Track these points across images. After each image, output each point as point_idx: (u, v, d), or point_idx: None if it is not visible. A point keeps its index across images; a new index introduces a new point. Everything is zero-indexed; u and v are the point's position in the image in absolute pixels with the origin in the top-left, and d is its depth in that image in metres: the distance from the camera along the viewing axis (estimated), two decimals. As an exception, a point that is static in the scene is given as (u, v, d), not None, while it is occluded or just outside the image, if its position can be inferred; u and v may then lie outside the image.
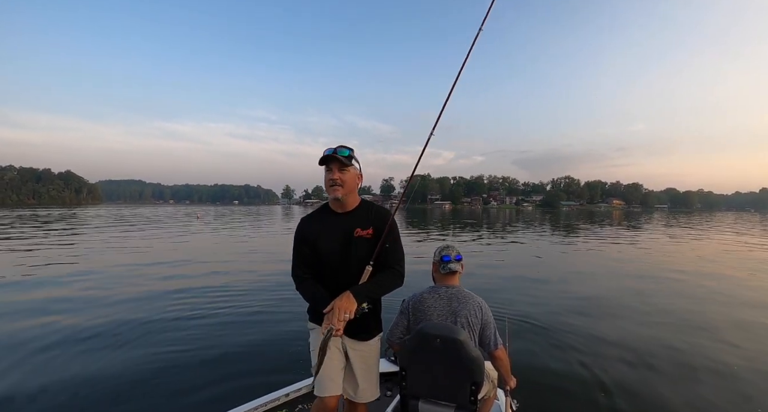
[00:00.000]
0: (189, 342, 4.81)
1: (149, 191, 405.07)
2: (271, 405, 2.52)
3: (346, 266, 1.98)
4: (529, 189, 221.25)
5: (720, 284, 8.63)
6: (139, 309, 6.10)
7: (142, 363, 4.18)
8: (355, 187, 2.03)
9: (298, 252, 2.06)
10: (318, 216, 2.10)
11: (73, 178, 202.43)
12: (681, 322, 5.76)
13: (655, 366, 4.25)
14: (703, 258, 12.75)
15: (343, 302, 1.79)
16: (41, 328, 5.14)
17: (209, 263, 11.00)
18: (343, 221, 2.02)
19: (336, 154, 1.92)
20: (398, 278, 1.99)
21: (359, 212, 2.06)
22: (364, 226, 2.00)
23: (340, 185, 1.93)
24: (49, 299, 6.76)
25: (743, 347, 4.81)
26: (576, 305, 6.66)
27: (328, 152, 1.93)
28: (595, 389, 3.75)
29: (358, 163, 2.02)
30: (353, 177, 2.00)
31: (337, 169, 1.93)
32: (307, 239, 2.03)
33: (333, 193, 1.94)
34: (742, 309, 6.58)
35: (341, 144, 1.98)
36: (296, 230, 2.09)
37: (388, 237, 1.99)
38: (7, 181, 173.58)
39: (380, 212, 2.08)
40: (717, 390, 3.71)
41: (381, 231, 1.99)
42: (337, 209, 2.04)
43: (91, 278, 8.65)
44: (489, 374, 2.26)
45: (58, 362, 4.16)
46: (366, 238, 1.99)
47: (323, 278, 2.04)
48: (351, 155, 1.98)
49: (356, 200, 2.07)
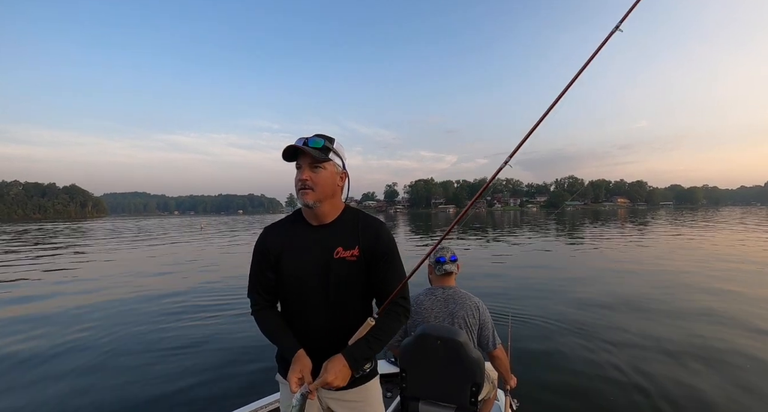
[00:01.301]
0: (190, 341, 4.94)
1: (154, 203, 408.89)
2: (270, 407, 2.47)
3: (319, 299, 1.45)
4: (533, 190, 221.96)
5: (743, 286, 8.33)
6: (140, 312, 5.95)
7: (143, 362, 4.29)
8: (335, 191, 1.47)
9: (256, 270, 1.53)
10: (286, 227, 1.54)
11: (78, 192, 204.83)
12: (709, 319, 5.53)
13: (658, 364, 4.14)
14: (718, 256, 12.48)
15: (331, 373, 1.29)
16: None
17: (211, 269, 10.88)
18: (318, 236, 1.48)
19: (305, 146, 1.39)
20: (403, 318, 1.49)
21: (342, 224, 1.50)
22: (348, 244, 1.46)
23: (310, 188, 1.40)
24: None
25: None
26: (604, 301, 6.48)
27: (297, 142, 1.41)
28: (602, 387, 3.69)
29: (340, 157, 1.47)
30: (331, 177, 1.44)
31: (307, 167, 1.41)
32: (267, 256, 1.49)
33: (302, 199, 1.42)
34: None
35: (320, 134, 1.46)
36: (258, 241, 1.54)
37: (384, 260, 1.47)
38: (12, 196, 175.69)
39: (371, 226, 1.51)
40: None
41: (372, 252, 1.46)
42: (311, 219, 1.49)
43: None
44: (489, 375, 2.28)
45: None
46: (349, 261, 1.45)
47: (287, 311, 1.53)
48: (327, 147, 1.42)
49: (338, 208, 1.52)
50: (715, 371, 3.98)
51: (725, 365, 4.13)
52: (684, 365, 4.17)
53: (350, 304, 1.48)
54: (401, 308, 1.47)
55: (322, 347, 1.44)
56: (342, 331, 1.45)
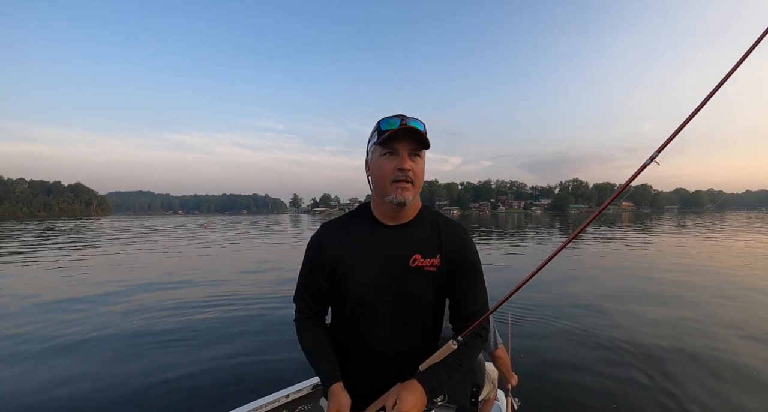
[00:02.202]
0: (193, 342, 4.90)
1: (158, 202, 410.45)
2: (271, 406, 2.42)
3: (386, 316, 1.18)
4: (537, 193, 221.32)
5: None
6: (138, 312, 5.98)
7: (145, 364, 4.25)
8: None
9: (307, 274, 1.25)
10: (350, 225, 1.25)
11: (83, 190, 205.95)
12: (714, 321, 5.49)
13: (659, 361, 4.13)
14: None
15: (407, 401, 1.03)
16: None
17: (214, 272, 10.90)
18: (392, 238, 1.19)
19: (413, 126, 1.11)
20: (482, 341, 1.24)
21: (421, 225, 1.22)
22: (428, 251, 1.19)
23: (411, 182, 1.13)
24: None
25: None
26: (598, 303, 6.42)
27: (391, 124, 1.12)
28: (600, 388, 3.64)
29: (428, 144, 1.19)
30: (424, 168, 1.20)
31: (408, 155, 1.12)
32: (322, 262, 1.20)
33: (399, 195, 1.12)
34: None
35: (401, 114, 1.16)
36: (311, 240, 1.25)
37: (470, 274, 1.23)
38: (18, 194, 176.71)
39: (455, 231, 1.25)
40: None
41: (456, 263, 1.21)
42: (386, 218, 1.21)
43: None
44: (490, 375, 2.26)
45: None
46: (428, 271, 1.18)
47: (342, 328, 1.25)
48: (425, 131, 1.16)
49: (417, 205, 1.24)
50: (716, 370, 3.93)
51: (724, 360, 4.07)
52: (684, 361, 4.15)
53: (421, 323, 1.22)
54: (483, 329, 1.22)
55: (380, 375, 1.20)
56: (408, 356, 1.21)
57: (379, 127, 1.15)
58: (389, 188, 1.12)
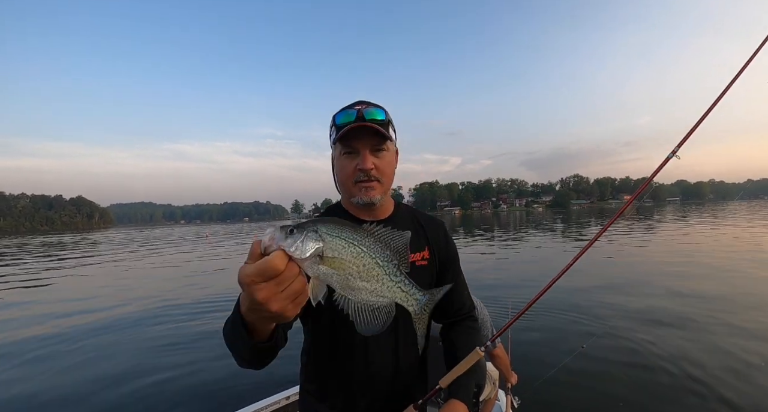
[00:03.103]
0: (197, 342, 5.03)
1: (160, 213, 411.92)
2: (272, 408, 2.43)
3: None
4: (538, 190, 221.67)
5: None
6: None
7: (147, 364, 4.37)
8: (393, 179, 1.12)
9: None
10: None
11: (85, 204, 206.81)
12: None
13: (658, 355, 4.11)
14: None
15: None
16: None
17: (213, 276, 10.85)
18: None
19: (368, 121, 0.98)
20: (478, 337, 1.19)
21: (401, 220, 1.14)
22: (416, 245, 1.10)
23: (377, 179, 1.02)
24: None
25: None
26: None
27: (347, 116, 0.99)
28: (606, 385, 3.60)
29: (395, 132, 1.09)
30: (393, 160, 1.08)
31: (368, 151, 1.00)
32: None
33: (364, 195, 1.02)
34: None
35: (363, 100, 1.06)
36: None
37: (454, 265, 1.18)
38: (20, 209, 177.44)
39: (434, 221, 1.20)
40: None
41: (443, 256, 1.15)
42: (364, 215, 1.10)
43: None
44: (491, 376, 2.26)
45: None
46: (420, 266, 1.09)
47: (330, 351, 1.08)
48: (389, 120, 1.04)
49: (391, 200, 1.16)
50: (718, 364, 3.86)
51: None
52: (682, 357, 4.09)
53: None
54: (474, 321, 1.21)
55: (380, 399, 1.07)
56: (412, 372, 1.11)
57: (334, 121, 1.03)
58: (353, 189, 1.03)
